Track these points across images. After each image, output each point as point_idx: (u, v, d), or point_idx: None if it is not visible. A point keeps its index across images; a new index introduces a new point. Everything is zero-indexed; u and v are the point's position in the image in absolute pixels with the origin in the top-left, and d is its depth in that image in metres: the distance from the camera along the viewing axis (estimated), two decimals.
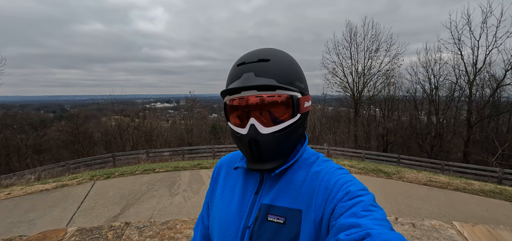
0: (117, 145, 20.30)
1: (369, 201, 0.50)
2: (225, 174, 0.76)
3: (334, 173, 0.60)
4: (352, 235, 0.43)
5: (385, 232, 0.42)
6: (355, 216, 0.47)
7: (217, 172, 0.79)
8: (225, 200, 0.70)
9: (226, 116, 0.67)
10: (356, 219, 0.46)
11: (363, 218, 0.46)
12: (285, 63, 0.63)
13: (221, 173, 0.78)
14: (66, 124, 23.28)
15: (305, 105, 0.65)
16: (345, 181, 0.57)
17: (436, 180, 7.13)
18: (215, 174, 0.79)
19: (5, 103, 34.99)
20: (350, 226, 0.45)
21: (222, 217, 0.68)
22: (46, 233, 2.25)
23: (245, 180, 0.70)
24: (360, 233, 0.42)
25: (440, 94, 19.92)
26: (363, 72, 22.00)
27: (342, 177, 0.58)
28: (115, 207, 5.01)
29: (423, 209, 5.10)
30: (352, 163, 9.02)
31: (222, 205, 0.70)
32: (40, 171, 9.70)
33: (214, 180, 0.79)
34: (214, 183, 0.78)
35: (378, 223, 0.45)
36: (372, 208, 0.48)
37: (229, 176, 0.75)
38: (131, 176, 7.08)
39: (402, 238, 0.41)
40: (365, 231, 0.42)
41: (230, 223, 0.65)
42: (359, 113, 22.95)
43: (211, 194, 0.77)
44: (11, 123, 20.87)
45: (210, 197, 0.78)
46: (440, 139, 19.06)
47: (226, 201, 0.70)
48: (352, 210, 0.49)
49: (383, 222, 0.45)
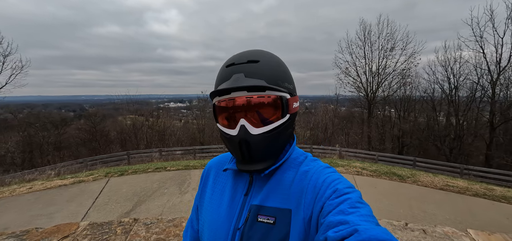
0: (132, 143, 20.95)
1: (356, 198, 0.52)
2: (214, 176, 0.76)
3: (322, 172, 0.61)
4: (340, 231, 0.44)
5: (371, 227, 0.43)
6: (343, 213, 0.48)
7: (206, 174, 0.79)
8: (214, 202, 0.70)
9: (215, 117, 0.67)
10: (344, 216, 0.47)
11: (350, 215, 0.47)
12: (274, 64, 0.64)
13: (210, 175, 0.77)
14: (85, 122, 24.36)
15: (294, 105, 0.66)
16: (333, 179, 0.58)
17: (453, 184, 6.82)
18: (204, 176, 0.79)
19: (29, 102, 37.06)
20: (338, 223, 0.46)
21: (211, 220, 0.67)
22: (60, 226, 2.35)
23: (235, 181, 0.70)
24: (348, 230, 0.44)
25: (460, 94, 19.02)
26: (378, 71, 21.42)
27: (329, 175, 0.59)
28: (127, 204, 5.18)
29: (438, 215, 4.89)
30: (364, 165, 8.81)
31: (211, 208, 0.70)
32: (60, 167, 10.19)
33: (203, 182, 0.78)
34: (203, 186, 0.77)
35: (364, 219, 0.46)
36: (359, 205, 0.50)
37: (218, 178, 0.74)
38: (144, 173, 7.28)
39: (387, 232, 0.42)
40: (352, 227, 0.44)
41: (220, 225, 0.64)
42: (373, 114, 22.35)
43: (200, 197, 0.76)
44: (34, 122, 22.10)
45: (199, 200, 0.77)
46: (460, 141, 18.19)
47: (216, 204, 0.69)
48: (340, 208, 0.50)
49: (370, 218, 0.47)
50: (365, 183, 6.50)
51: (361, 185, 6.30)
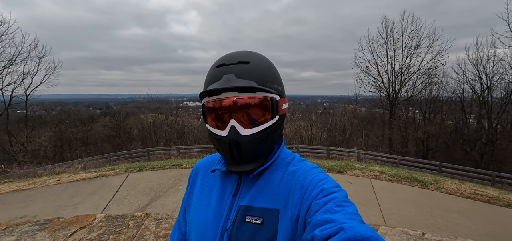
0: (152, 141, 21.80)
1: (342, 197, 0.54)
2: (202, 177, 0.75)
3: (309, 172, 0.62)
4: (327, 230, 0.45)
5: (356, 225, 0.44)
6: (329, 212, 0.50)
7: (193, 176, 0.78)
8: (202, 204, 0.70)
9: (204, 118, 0.66)
10: (330, 215, 0.49)
11: (336, 213, 0.49)
12: (264, 66, 0.64)
13: (198, 177, 0.77)
14: (110, 120, 25.76)
15: (283, 107, 0.66)
16: (320, 179, 0.59)
17: (482, 193, 6.32)
18: (192, 178, 0.78)
19: (61, 100, 39.92)
20: (325, 221, 0.48)
21: (199, 222, 0.67)
22: (79, 217, 2.50)
23: (223, 182, 0.70)
24: (334, 228, 0.45)
25: (493, 95, 17.61)
26: (401, 71, 20.45)
27: (316, 175, 0.61)
28: (144, 198, 5.39)
29: (463, 225, 4.56)
30: (383, 169, 8.43)
31: (199, 209, 0.69)
32: (86, 161, 10.85)
33: (190, 184, 0.77)
34: (191, 187, 0.77)
35: (350, 217, 0.48)
36: (345, 204, 0.51)
37: (206, 180, 0.74)
38: (161, 170, 7.53)
39: (371, 229, 0.44)
40: (338, 225, 0.45)
41: (208, 226, 0.64)
42: (395, 115, 21.35)
43: (188, 199, 0.76)
44: (65, 118, 23.79)
45: (186, 202, 0.76)
46: (492, 146, 16.83)
47: (203, 205, 0.69)
48: (326, 207, 0.51)
49: (355, 216, 0.48)
50: (383, 187, 6.22)
51: (379, 189, 6.04)
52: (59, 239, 1.80)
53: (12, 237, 1.80)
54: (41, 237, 1.81)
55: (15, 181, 7.03)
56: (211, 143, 0.64)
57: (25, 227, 1.97)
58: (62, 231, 1.96)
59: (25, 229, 1.92)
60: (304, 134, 20.65)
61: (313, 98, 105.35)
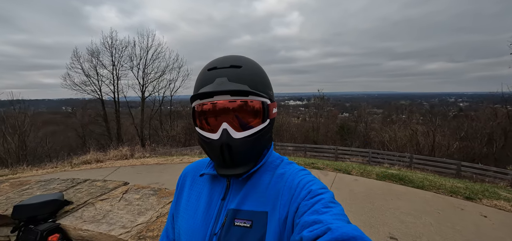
0: None
1: (329, 198, 0.54)
2: (190, 182, 0.75)
3: (297, 174, 0.64)
4: (315, 231, 0.46)
5: (343, 225, 0.45)
6: (317, 213, 0.51)
7: (182, 181, 0.78)
8: (190, 209, 0.69)
9: (194, 121, 0.66)
10: (318, 216, 0.49)
11: (323, 214, 0.50)
12: (256, 70, 0.66)
13: (186, 182, 0.76)
14: None
15: (273, 111, 0.68)
16: (307, 181, 0.61)
17: None
18: (180, 184, 0.77)
19: None
20: (313, 222, 0.49)
21: (187, 227, 0.66)
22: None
23: (212, 186, 0.69)
24: (322, 228, 0.46)
25: None
26: None
27: (304, 177, 0.62)
28: None
29: None
30: None
31: (187, 215, 0.69)
32: None
33: (178, 190, 0.77)
34: (179, 193, 0.76)
35: (337, 217, 0.49)
36: (332, 205, 0.53)
37: (195, 184, 0.73)
38: None
39: (357, 229, 0.45)
40: (326, 226, 0.46)
41: (196, 231, 0.64)
42: None
43: (176, 205, 0.75)
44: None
45: (175, 208, 0.75)
46: None
47: (192, 210, 0.68)
48: (314, 208, 0.52)
49: (341, 217, 0.49)
50: None
51: None
52: (161, 204, 2.28)
53: (138, 195, 2.44)
54: (152, 200, 2.35)
55: (158, 157, 9.72)
56: (335, 144, 0.61)
57: (146, 190, 2.63)
58: (165, 198, 2.47)
59: (145, 192, 2.55)
60: (422, 141, 16.70)
61: (442, 96, 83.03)
